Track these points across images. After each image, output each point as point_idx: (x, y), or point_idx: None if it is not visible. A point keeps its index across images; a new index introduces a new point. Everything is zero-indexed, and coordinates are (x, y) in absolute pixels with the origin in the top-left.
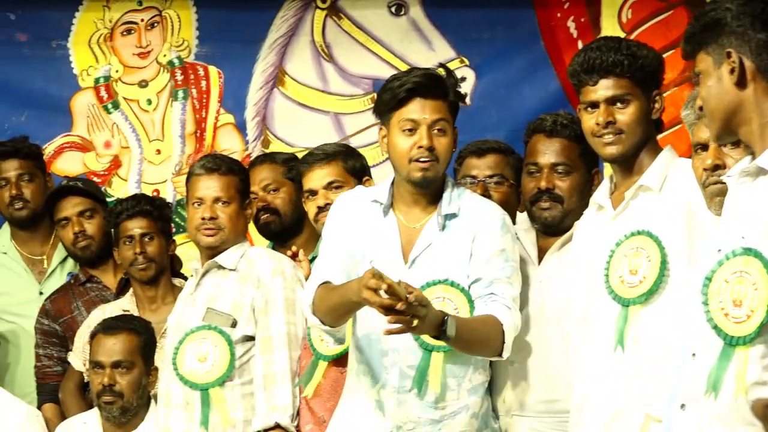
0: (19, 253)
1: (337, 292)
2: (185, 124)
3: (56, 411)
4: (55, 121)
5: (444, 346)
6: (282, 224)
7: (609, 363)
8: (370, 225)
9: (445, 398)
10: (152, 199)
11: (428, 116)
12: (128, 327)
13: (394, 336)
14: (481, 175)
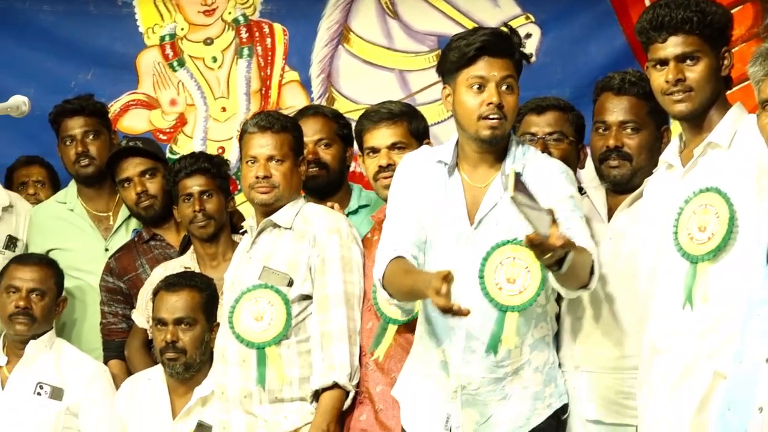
0: (86, 210)
1: (409, 278)
2: (250, 82)
3: (122, 367)
4: (121, 78)
5: (518, 306)
6: (329, 180)
7: (677, 320)
8: (436, 186)
9: (509, 356)
10: (210, 156)
11: (497, 73)
12: (190, 284)
13: (464, 296)
14: (541, 133)
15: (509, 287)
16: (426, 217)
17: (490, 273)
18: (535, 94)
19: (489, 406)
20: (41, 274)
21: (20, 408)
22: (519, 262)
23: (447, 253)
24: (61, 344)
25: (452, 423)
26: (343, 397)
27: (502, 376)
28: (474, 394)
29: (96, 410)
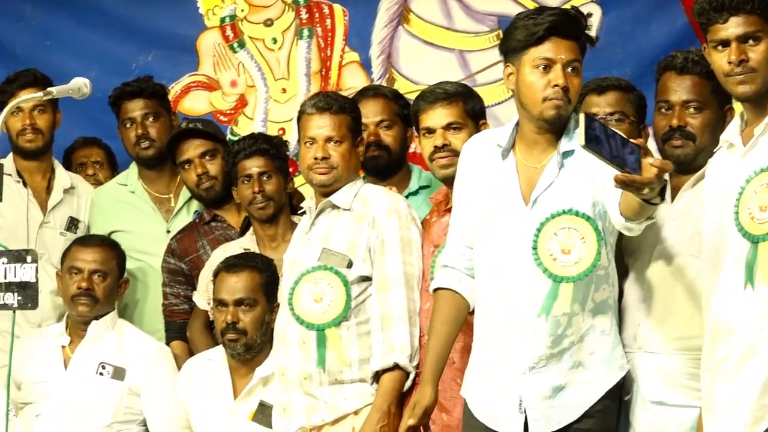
0: (147, 192)
1: (430, 342)
2: (310, 63)
3: (184, 348)
4: (182, 60)
5: (573, 277)
6: (389, 161)
7: (739, 301)
8: (490, 171)
9: (570, 324)
10: (269, 137)
11: (564, 56)
12: (250, 265)
13: (516, 271)
14: (602, 113)
15: (564, 258)
16: (481, 202)
17: (543, 243)
18: (596, 74)
19: (560, 379)
20: (103, 256)
21: (83, 388)
22: (574, 233)
23: (503, 235)
24: (123, 325)
25: (525, 404)
26: (404, 379)
27: (567, 346)
28: (542, 371)
29: (158, 391)
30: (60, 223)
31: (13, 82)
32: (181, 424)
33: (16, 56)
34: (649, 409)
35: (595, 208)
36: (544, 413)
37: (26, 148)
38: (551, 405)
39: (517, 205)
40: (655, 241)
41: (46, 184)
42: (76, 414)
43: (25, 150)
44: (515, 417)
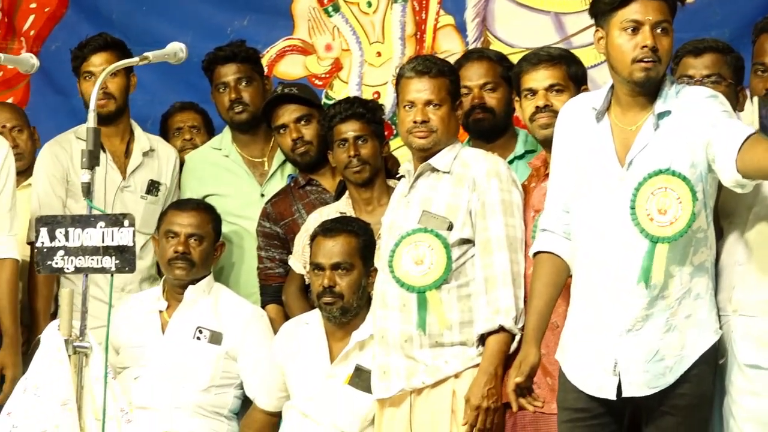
0: (241, 156)
1: (531, 304)
2: (405, 26)
3: (279, 311)
4: (277, 24)
5: (669, 237)
6: (494, 123)
7: None
8: (585, 134)
9: (667, 287)
10: (365, 101)
11: (651, 17)
12: (347, 229)
13: (613, 232)
14: (698, 75)
15: (660, 218)
16: (577, 166)
17: (641, 203)
18: (693, 35)
19: (655, 342)
20: (199, 219)
21: (180, 352)
22: (671, 193)
23: (599, 197)
24: (220, 289)
25: (620, 367)
26: (510, 341)
27: (663, 308)
28: (638, 333)
29: (254, 354)
30: (140, 187)
31: (85, 47)
32: (278, 388)
33: (112, 22)
34: (744, 373)
35: (696, 169)
36: (638, 376)
37: (100, 113)
38: (646, 369)
39: (613, 167)
40: (752, 202)
41: (125, 148)
42: (173, 378)
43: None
44: (609, 380)
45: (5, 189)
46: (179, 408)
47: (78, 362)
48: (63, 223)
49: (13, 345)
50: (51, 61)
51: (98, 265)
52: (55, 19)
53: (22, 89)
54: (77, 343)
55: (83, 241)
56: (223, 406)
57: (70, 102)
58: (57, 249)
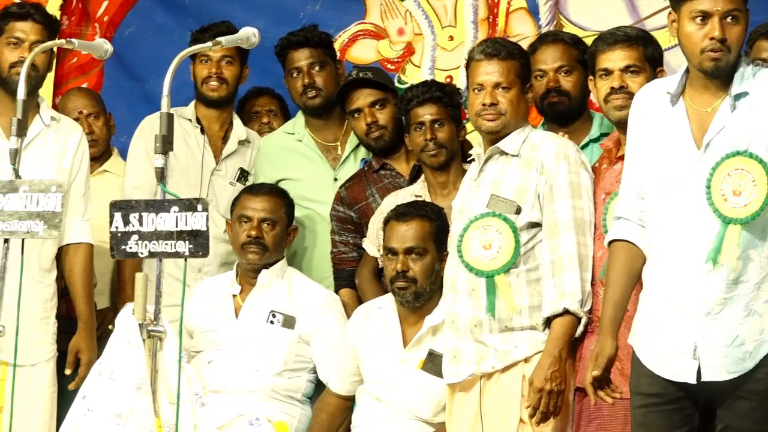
0: (314, 141)
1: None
2: (477, 10)
3: (353, 295)
4: (349, 9)
5: (741, 219)
6: (569, 107)
7: None
8: (661, 118)
9: (746, 270)
10: (442, 85)
11: (720, 7)
12: (420, 213)
13: (690, 215)
14: None
15: (734, 199)
16: (653, 150)
17: (717, 183)
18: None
19: (735, 326)
20: (272, 204)
21: (254, 336)
22: (746, 175)
23: (676, 180)
24: (293, 273)
25: (700, 351)
26: (575, 324)
27: (742, 292)
28: (718, 317)
29: (328, 339)
30: (231, 173)
31: (206, 32)
32: (351, 372)
33: (185, 7)
34: None
35: None
36: (718, 360)
37: (209, 96)
38: (725, 353)
39: (690, 150)
40: None
41: (223, 134)
42: (247, 362)
43: (207, 98)
44: (688, 363)
45: (79, 174)
46: (253, 392)
47: (152, 346)
48: (137, 208)
49: (88, 329)
50: (125, 46)
51: (172, 249)
52: (128, 4)
53: (96, 75)
54: (151, 327)
55: (157, 226)
56: (296, 390)
57: (144, 87)
58: (131, 234)
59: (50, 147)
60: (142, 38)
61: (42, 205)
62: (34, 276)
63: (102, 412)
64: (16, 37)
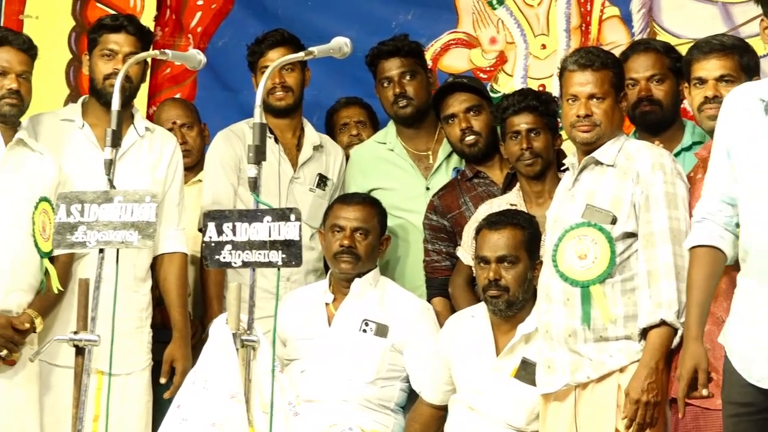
0: (406, 150)
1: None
2: (570, 18)
3: (446, 304)
4: (441, 18)
5: None
6: (661, 116)
7: None
8: (752, 125)
9: None
10: (538, 93)
11: None
12: (512, 222)
13: None
14: None
15: None
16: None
17: None
18: None
19: None
20: (365, 213)
21: (347, 345)
22: None
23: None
24: (386, 282)
25: None
26: (671, 335)
27: None
28: None
29: (421, 348)
30: (309, 180)
31: (263, 42)
32: (444, 381)
33: (278, 17)
34: None
35: None
36: None
37: (277, 106)
38: None
39: None
40: None
41: (296, 142)
42: (340, 370)
43: (275, 108)
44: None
45: (173, 184)
46: (346, 401)
47: (246, 355)
48: (230, 218)
49: (183, 338)
50: (218, 57)
51: (265, 259)
52: (221, 15)
53: (189, 85)
54: (245, 336)
55: (250, 236)
56: (389, 399)
57: (237, 98)
58: (224, 243)
59: (144, 157)
60: (235, 49)
61: (136, 215)
62: (129, 285)
63: (196, 421)
64: (109, 49)
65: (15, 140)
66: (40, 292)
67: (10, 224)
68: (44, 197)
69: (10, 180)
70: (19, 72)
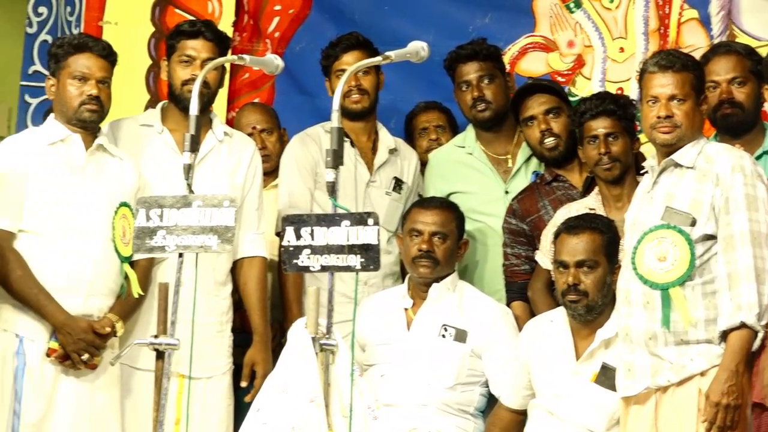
0: (485, 154)
1: None
2: (648, 21)
3: (525, 308)
4: (519, 22)
5: None
6: (742, 119)
7: None
8: None
9: None
10: (616, 97)
11: None
12: (591, 226)
13: None
14: None
15: None
16: None
17: None
18: None
19: None
20: (443, 218)
21: (426, 350)
22: None
23: None
24: (464, 287)
25: None
26: (752, 338)
27: None
28: None
29: (500, 353)
30: (385, 183)
31: (337, 45)
32: (523, 386)
33: (355, 22)
34: None
35: None
36: None
37: (353, 109)
38: None
39: None
40: None
41: (372, 145)
42: (419, 375)
43: (351, 111)
44: None
45: (252, 188)
46: (426, 405)
47: (325, 360)
48: (308, 222)
49: (263, 342)
50: (295, 61)
51: (343, 263)
52: (299, 20)
53: (268, 90)
54: (324, 340)
55: (328, 240)
56: (468, 403)
57: (314, 102)
58: (303, 248)
59: (223, 162)
60: (312, 53)
61: (215, 219)
62: (209, 290)
63: (276, 425)
64: (187, 55)
65: (95, 146)
66: (121, 296)
67: (90, 229)
68: (124, 202)
69: (91, 185)
70: (99, 78)
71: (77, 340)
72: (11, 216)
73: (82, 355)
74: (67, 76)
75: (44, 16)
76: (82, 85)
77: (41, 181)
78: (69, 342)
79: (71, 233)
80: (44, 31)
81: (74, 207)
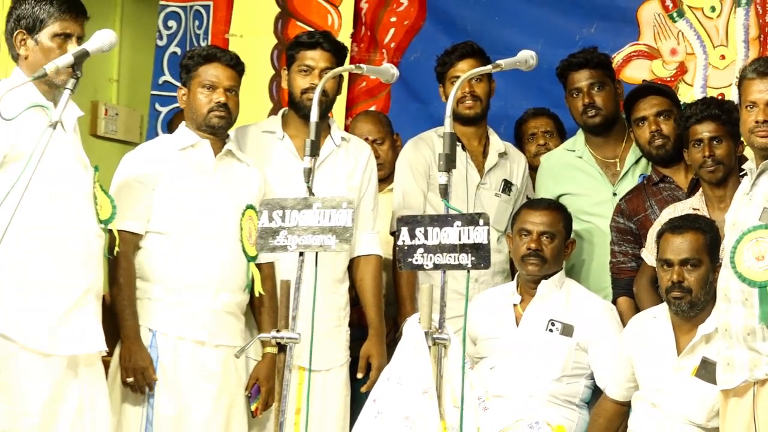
0: (594, 157)
1: None
2: (749, 29)
3: (630, 304)
4: (623, 31)
5: None
6: None
7: None
8: None
9: None
10: (721, 102)
11: None
12: (694, 226)
13: None
14: None
15: None
16: None
17: None
18: None
19: None
20: (551, 218)
21: (534, 344)
22: None
23: None
24: (571, 284)
25: None
26: None
27: None
28: None
29: (605, 346)
30: (495, 185)
31: (452, 53)
32: (627, 378)
33: (467, 32)
34: None
35: None
36: None
37: (466, 114)
38: None
39: None
40: None
41: (482, 149)
42: (527, 368)
43: (464, 116)
44: None
45: (368, 190)
46: (533, 396)
47: (437, 353)
48: (422, 223)
49: (378, 335)
50: (410, 70)
51: (455, 261)
52: (413, 31)
53: (384, 98)
54: (437, 335)
55: (441, 239)
56: (574, 395)
57: (428, 109)
58: (417, 247)
59: (341, 166)
60: (426, 63)
61: (334, 220)
62: (328, 287)
63: (390, 415)
64: (306, 65)
65: (224, 151)
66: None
67: (219, 231)
68: (250, 205)
69: (219, 189)
70: (227, 87)
71: (131, 365)
72: (138, 218)
73: (129, 377)
74: (198, 85)
75: (173, 30)
76: (211, 93)
77: (172, 185)
78: (125, 360)
79: (200, 234)
80: (173, 44)
81: (203, 209)
